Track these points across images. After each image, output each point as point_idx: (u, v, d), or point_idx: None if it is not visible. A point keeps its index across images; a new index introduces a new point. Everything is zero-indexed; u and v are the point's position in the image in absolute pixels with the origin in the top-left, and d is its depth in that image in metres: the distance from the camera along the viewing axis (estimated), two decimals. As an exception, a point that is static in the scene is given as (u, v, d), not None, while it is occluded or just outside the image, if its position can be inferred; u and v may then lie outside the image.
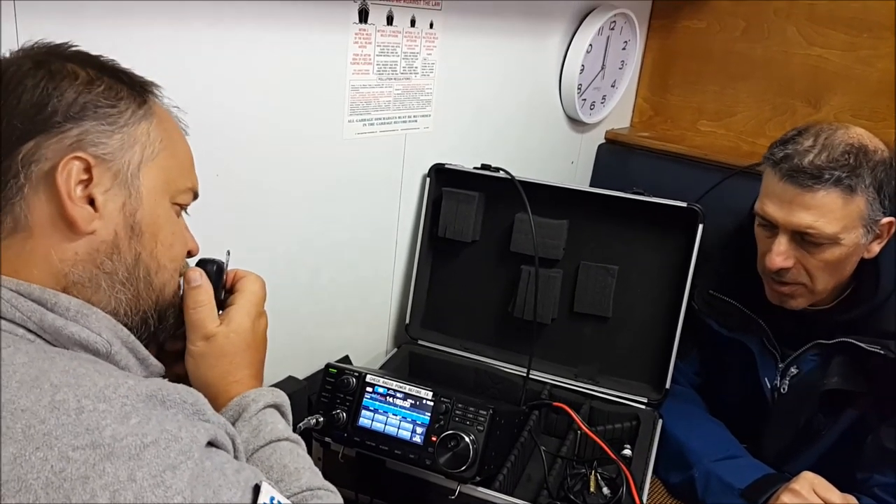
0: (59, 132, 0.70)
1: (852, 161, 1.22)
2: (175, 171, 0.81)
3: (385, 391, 1.21)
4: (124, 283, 0.76)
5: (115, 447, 0.56)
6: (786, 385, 1.42)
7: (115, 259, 0.75)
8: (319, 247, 1.44)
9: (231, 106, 1.18)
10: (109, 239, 0.74)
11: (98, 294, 0.74)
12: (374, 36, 1.36)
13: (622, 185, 1.53)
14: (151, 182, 0.77)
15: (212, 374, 0.87)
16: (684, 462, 1.37)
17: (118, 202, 0.74)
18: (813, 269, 1.29)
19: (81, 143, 0.71)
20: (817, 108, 1.95)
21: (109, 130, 0.73)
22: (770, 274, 1.32)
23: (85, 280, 0.73)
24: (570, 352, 1.57)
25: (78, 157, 0.70)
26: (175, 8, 1.04)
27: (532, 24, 1.74)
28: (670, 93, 2.23)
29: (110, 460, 0.56)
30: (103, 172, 0.73)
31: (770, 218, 1.29)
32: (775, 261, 1.28)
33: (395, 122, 1.49)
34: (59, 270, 0.72)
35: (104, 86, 0.74)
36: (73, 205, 0.71)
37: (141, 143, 0.76)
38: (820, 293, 1.33)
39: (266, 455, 0.84)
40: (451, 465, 1.14)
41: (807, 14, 1.91)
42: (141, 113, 0.77)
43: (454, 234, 1.61)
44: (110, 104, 0.74)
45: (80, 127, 0.71)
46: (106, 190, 0.73)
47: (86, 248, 0.73)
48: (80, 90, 0.72)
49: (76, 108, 0.71)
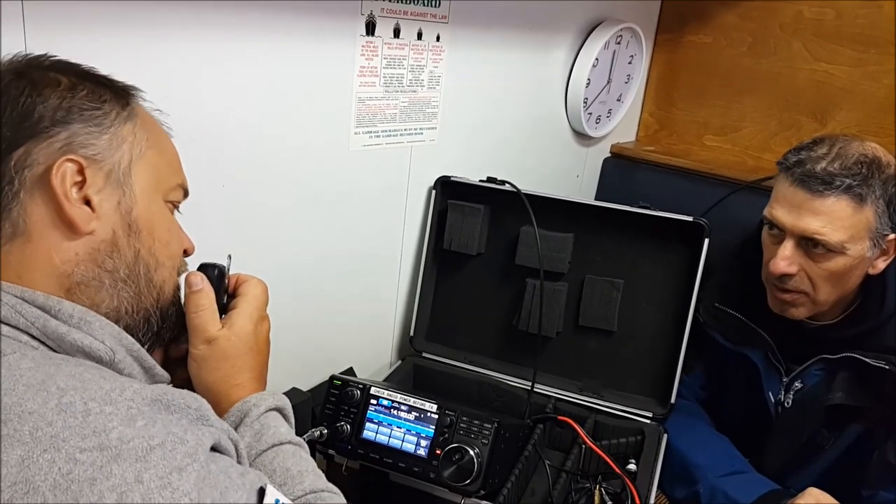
0: (47, 136, 0.71)
1: (864, 171, 1.22)
2: (164, 168, 0.82)
3: (389, 403, 1.21)
4: (126, 281, 0.77)
5: (122, 449, 0.57)
6: (790, 399, 1.41)
7: (116, 257, 0.75)
8: (324, 258, 1.44)
9: (238, 117, 1.18)
10: (108, 238, 0.75)
11: (101, 293, 0.75)
12: (381, 48, 1.37)
13: (627, 198, 1.53)
14: (143, 180, 0.78)
15: (214, 378, 0.88)
16: (689, 477, 1.37)
17: (113, 201, 0.75)
18: (816, 278, 1.29)
19: (71, 146, 0.72)
20: (823, 124, 1.95)
21: (97, 131, 0.74)
22: (773, 280, 1.32)
23: (88, 279, 0.74)
24: (575, 365, 1.57)
25: (70, 159, 0.71)
26: (184, 20, 1.04)
27: (538, 38, 1.75)
28: (676, 107, 2.23)
29: (117, 462, 0.56)
30: (95, 173, 0.73)
31: (778, 222, 1.29)
32: (779, 265, 1.28)
33: (401, 135, 1.49)
34: (62, 272, 0.72)
35: (87, 90, 0.75)
36: (71, 206, 0.71)
37: (129, 142, 0.77)
38: (821, 304, 1.33)
39: (269, 459, 0.84)
40: (456, 479, 1.14)
41: (813, 30, 1.91)
42: (125, 114, 0.78)
43: (459, 247, 1.61)
44: (95, 106, 0.75)
45: (67, 130, 0.72)
46: (100, 190, 0.74)
47: (86, 249, 0.73)
48: (64, 95, 0.73)
49: (62, 112, 0.72)
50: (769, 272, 1.31)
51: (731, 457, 1.41)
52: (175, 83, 0.85)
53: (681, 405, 1.49)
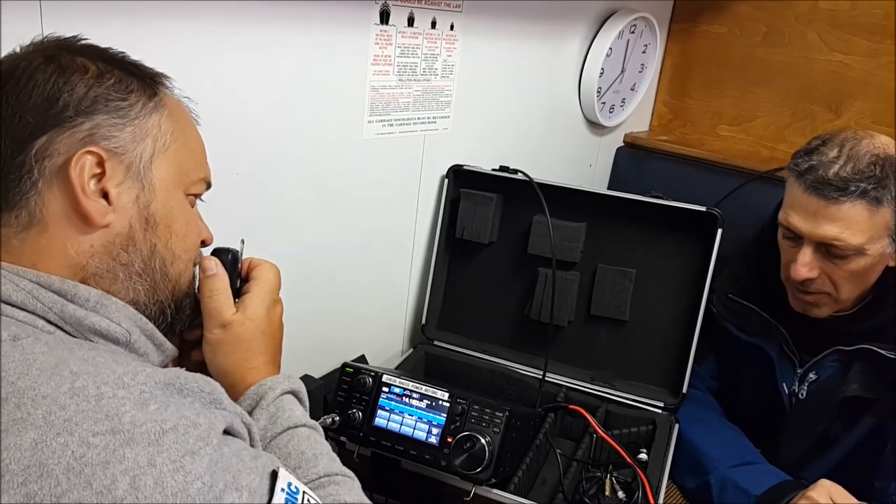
0: (70, 126, 0.71)
1: (878, 172, 1.21)
2: (188, 161, 0.82)
3: (401, 391, 1.22)
4: (141, 275, 0.77)
5: (135, 433, 0.57)
6: (804, 391, 1.41)
7: (131, 251, 0.76)
8: (337, 246, 1.45)
9: (251, 105, 1.18)
10: (124, 231, 0.75)
11: (116, 285, 0.75)
12: (395, 37, 1.36)
13: (640, 188, 1.53)
14: (164, 174, 0.78)
15: (228, 362, 0.89)
16: (700, 467, 1.37)
17: (132, 195, 0.75)
18: (838, 279, 1.29)
19: (93, 137, 0.72)
20: (838, 114, 1.93)
21: (121, 123, 0.74)
22: (795, 284, 1.32)
23: (103, 271, 0.74)
24: (587, 355, 1.57)
25: (90, 152, 0.71)
26: (197, 9, 1.05)
27: (552, 27, 1.74)
28: (690, 97, 2.22)
29: (130, 446, 0.56)
30: (116, 166, 0.74)
31: (795, 229, 1.28)
32: (800, 272, 1.28)
33: (415, 123, 1.49)
34: (76, 263, 0.73)
35: (114, 79, 0.75)
36: (87, 199, 0.71)
37: (153, 135, 0.77)
38: (844, 302, 1.33)
39: (284, 442, 0.85)
40: (467, 467, 1.14)
41: (828, 19, 1.90)
42: (151, 105, 0.78)
43: (471, 236, 1.61)
44: (121, 97, 0.75)
45: (91, 121, 0.72)
46: (119, 183, 0.74)
47: (101, 241, 0.74)
48: (91, 84, 0.73)
49: (87, 102, 0.72)
50: (790, 277, 1.31)
51: (742, 447, 1.41)
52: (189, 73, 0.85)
53: (692, 395, 1.48)
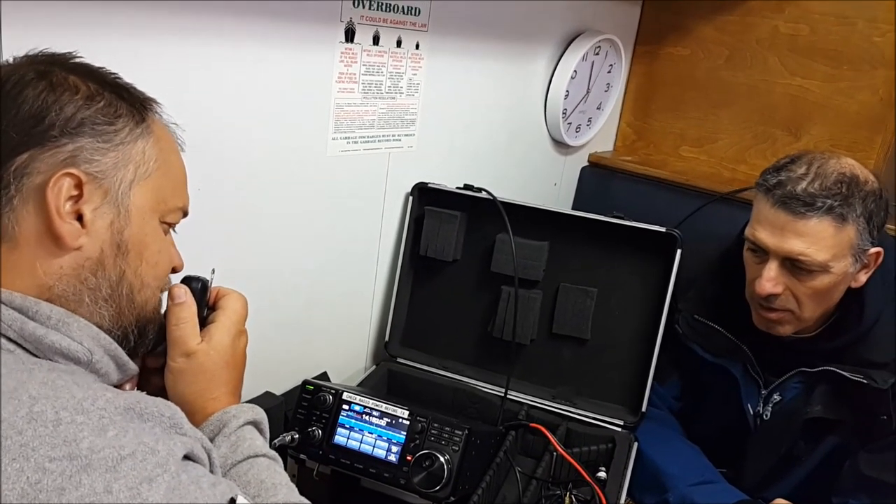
0: (54, 146, 0.70)
1: (845, 190, 1.23)
2: (167, 190, 0.82)
3: (361, 409, 1.22)
4: (107, 300, 0.76)
5: (92, 459, 0.57)
6: (769, 412, 1.42)
7: (100, 275, 0.75)
8: (300, 262, 1.44)
9: (215, 120, 1.18)
10: (95, 256, 0.74)
11: (81, 309, 0.74)
12: (360, 55, 1.37)
13: (604, 208, 1.54)
14: (142, 201, 0.78)
15: (190, 391, 0.88)
16: (660, 485, 1.37)
17: (106, 220, 0.75)
18: (802, 296, 1.31)
19: (75, 160, 0.71)
20: (797, 137, 1.97)
21: (104, 148, 0.73)
22: (759, 300, 1.33)
23: (68, 294, 0.73)
24: (549, 373, 1.58)
25: (70, 174, 0.71)
26: (162, 23, 1.04)
27: (518, 48, 1.76)
28: (653, 118, 2.25)
29: (87, 472, 0.56)
30: (94, 190, 0.73)
31: (761, 244, 1.30)
32: (765, 286, 1.29)
33: (379, 141, 1.49)
34: (43, 283, 0.72)
35: (104, 102, 0.75)
36: (62, 221, 0.71)
37: (135, 161, 0.77)
38: (807, 320, 1.35)
39: (244, 470, 0.84)
40: (426, 485, 1.14)
41: (788, 45, 1.94)
42: (139, 131, 0.77)
43: (435, 253, 1.61)
44: (108, 122, 0.74)
45: (75, 143, 0.71)
46: (95, 207, 0.73)
47: (71, 264, 0.73)
48: (80, 105, 0.72)
49: (73, 123, 0.71)
50: (755, 293, 1.32)
51: (701, 466, 1.42)
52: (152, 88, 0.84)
53: (653, 414, 1.50)
